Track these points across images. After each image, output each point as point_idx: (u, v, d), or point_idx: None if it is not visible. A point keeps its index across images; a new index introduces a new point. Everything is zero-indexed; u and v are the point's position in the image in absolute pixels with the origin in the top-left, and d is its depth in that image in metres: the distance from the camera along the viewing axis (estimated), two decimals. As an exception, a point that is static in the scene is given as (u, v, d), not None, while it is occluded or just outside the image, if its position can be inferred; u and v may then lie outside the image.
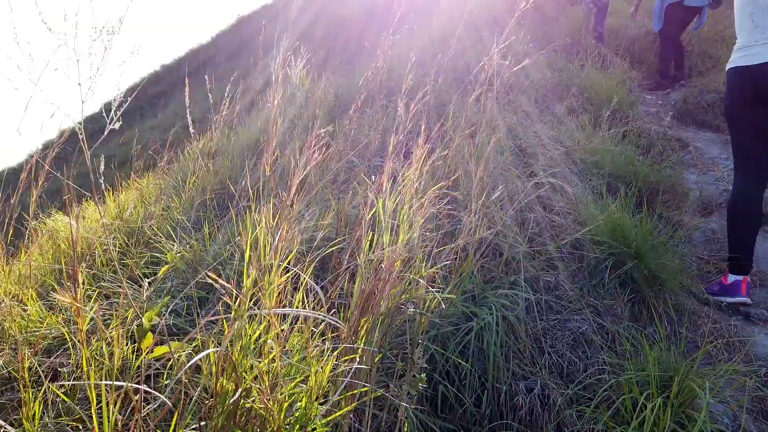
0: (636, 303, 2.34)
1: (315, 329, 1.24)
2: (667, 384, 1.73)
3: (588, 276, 2.35)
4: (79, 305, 1.06)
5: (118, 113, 1.14)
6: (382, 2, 9.03)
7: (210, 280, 1.05)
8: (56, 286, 2.27)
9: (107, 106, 1.34)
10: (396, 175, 1.86)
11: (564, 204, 2.72)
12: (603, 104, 3.94)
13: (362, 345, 1.18)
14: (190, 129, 2.67)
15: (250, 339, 0.98)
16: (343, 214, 2.27)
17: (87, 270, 2.36)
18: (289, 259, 1.12)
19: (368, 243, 1.39)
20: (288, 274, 1.09)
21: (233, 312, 0.93)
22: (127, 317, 1.78)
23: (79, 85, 1.14)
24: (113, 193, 3.28)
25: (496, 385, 1.77)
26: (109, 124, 1.13)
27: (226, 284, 0.90)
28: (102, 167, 1.24)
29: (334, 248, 1.87)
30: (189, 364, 0.79)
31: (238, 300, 0.93)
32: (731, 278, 2.52)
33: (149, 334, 1.30)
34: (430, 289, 1.47)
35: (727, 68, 2.66)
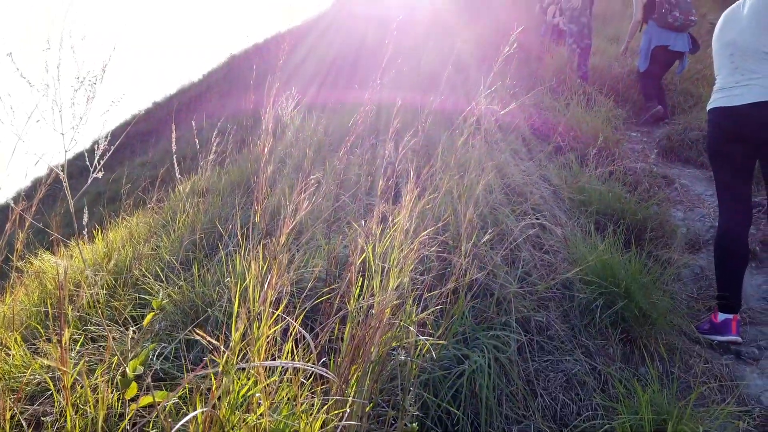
0: (628, 342, 2.34)
1: (305, 381, 1.22)
2: (661, 427, 1.71)
3: (579, 315, 2.35)
4: (63, 353, 1.03)
5: (102, 162, 1.14)
6: (372, 40, 9.23)
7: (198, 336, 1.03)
8: (41, 330, 2.23)
9: (90, 155, 1.34)
10: (386, 216, 1.87)
11: (554, 242, 2.74)
12: (589, 142, 4.00)
13: (352, 396, 1.16)
14: (176, 174, 2.67)
15: (237, 394, 0.96)
16: (333, 255, 2.26)
17: (73, 312, 2.32)
18: (279, 310, 1.11)
19: (358, 289, 1.38)
20: (277, 326, 1.08)
21: (220, 366, 0.92)
22: (113, 362, 1.74)
23: (62, 134, 1.15)
24: (102, 232, 3.25)
25: (489, 430, 1.74)
26: (93, 173, 1.12)
27: (213, 341, 0.89)
28: (86, 217, 1.23)
29: (324, 295, 1.86)
30: (175, 428, 0.77)
31: (225, 356, 0.92)
32: (721, 317, 2.52)
33: (133, 384, 1.28)
34: (421, 337, 1.45)
35: (708, 108, 2.72)
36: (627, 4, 6.50)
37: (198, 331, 1.00)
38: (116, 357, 1.71)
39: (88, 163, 1.22)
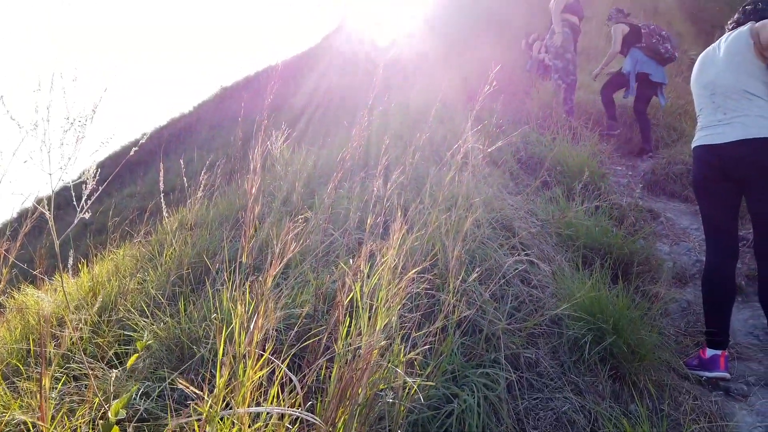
0: (617, 379, 2.33)
1: (290, 426, 1.20)
2: (652, 468, 1.69)
3: (568, 351, 2.34)
4: (43, 402, 1.01)
5: (89, 202, 1.14)
6: (361, 75, 9.38)
7: (182, 384, 1.02)
8: (22, 369, 2.18)
9: (77, 187, 1.34)
10: (374, 253, 1.87)
11: (542, 277, 2.75)
12: (575, 176, 4.06)
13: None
14: (163, 209, 2.67)
15: (221, 443, 0.94)
16: (321, 291, 2.25)
17: (56, 349, 2.28)
18: (266, 355, 1.10)
19: (345, 328, 1.37)
20: (263, 371, 1.07)
21: (204, 414, 0.90)
22: (95, 403, 1.70)
23: (50, 175, 1.15)
24: (88, 265, 3.21)
25: (479, 472, 1.71)
26: (80, 213, 1.12)
27: (196, 391, 0.87)
28: (71, 259, 1.22)
29: (312, 332, 1.84)
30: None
31: (208, 404, 0.90)
32: (709, 353, 2.53)
33: (115, 428, 1.25)
34: (408, 379, 1.44)
35: (693, 146, 2.78)
36: (609, 40, 6.75)
37: (180, 381, 0.98)
38: (98, 398, 1.68)
39: (75, 200, 1.22)
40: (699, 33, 12.74)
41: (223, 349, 1.03)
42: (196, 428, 0.97)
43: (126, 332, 2.36)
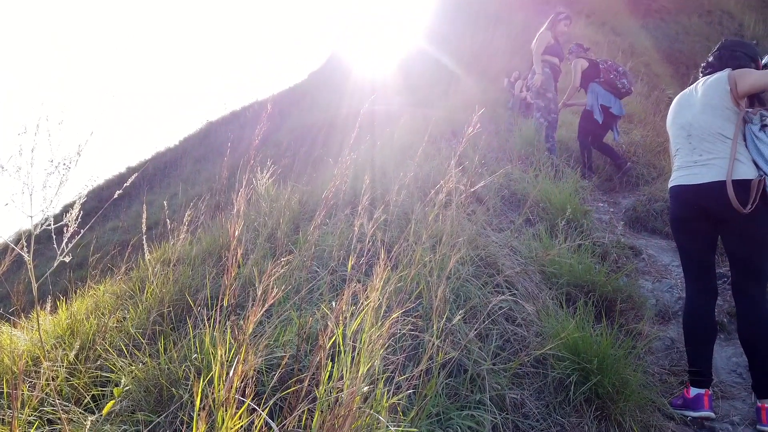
0: (603, 419, 2.31)
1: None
2: None
3: (553, 392, 2.33)
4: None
5: (69, 245, 1.12)
6: (346, 112, 9.49)
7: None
8: (-8, 412, 2.11)
9: (59, 218, 1.32)
10: (357, 294, 1.86)
11: (526, 315, 2.74)
12: (558, 213, 4.10)
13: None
14: (144, 246, 2.65)
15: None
16: (305, 331, 2.22)
17: (30, 390, 2.21)
18: (246, 404, 1.08)
19: (327, 373, 1.35)
20: (243, 421, 1.05)
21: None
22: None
23: (31, 217, 1.14)
24: (66, 301, 3.15)
25: None
26: (60, 256, 1.11)
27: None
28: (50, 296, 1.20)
29: (295, 373, 1.81)
30: None
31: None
32: (693, 392, 2.53)
33: (89, 479, 1.20)
34: (392, 427, 1.42)
35: (670, 185, 2.83)
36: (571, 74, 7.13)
37: None
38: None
39: (55, 243, 1.20)
40: (675, 73, 13.16)
41: (201, 398, 1.00)
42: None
43: (104, 373, 2.31)
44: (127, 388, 1.99)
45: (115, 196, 2.08)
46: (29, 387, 2.24)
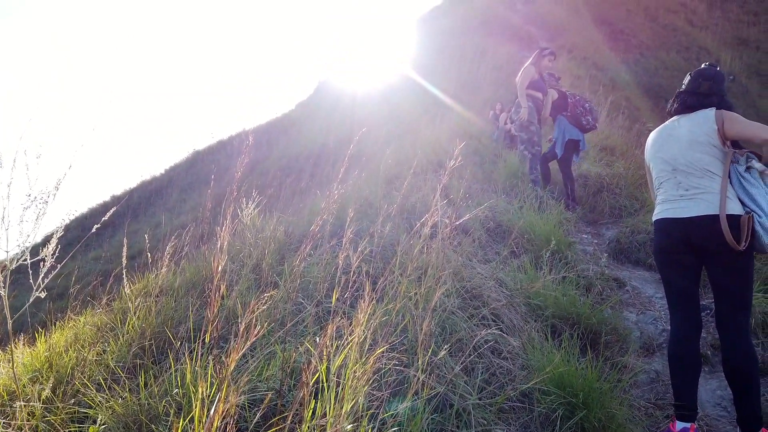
0: (589, 455, 2.29)
1: None
2: None
3: (540, 427, 2.30)
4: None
5: (46, 280, 1.11)
6: (333, 141, 9.56)
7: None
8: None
9: (36, 249, 1.30)
10: (342, 328, 1.85)
11: (512, 347, 2.74)
12: (542, 245, 4.13)
13: None
14: (125, 279, 2.62)
15: None
16: (288, 365, 2.19)
17: (5, 426, 2.15)
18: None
19: (310, 412, 1.33)
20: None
21: None
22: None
23: (7, 252, 1.12)
24: (45, 333, 3.08)
25: None
26: (35, 292, 1.09)
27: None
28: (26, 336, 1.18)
29: (278, 413, 1.78)
30: None
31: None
32: (679, 425, 2.52)
33: None
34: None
35: (655, 218, 2.86)
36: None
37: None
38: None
39: (32, 278, 1.18)
40: (654, 107, 13.51)
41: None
42: None
43: (82, 409, 2.25)
44: (104, 426, 1.94)
45: (93, 230, 2.06)
46: (4, 424, 2.17)
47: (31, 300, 1.14)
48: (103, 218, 1.82)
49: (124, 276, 2.56)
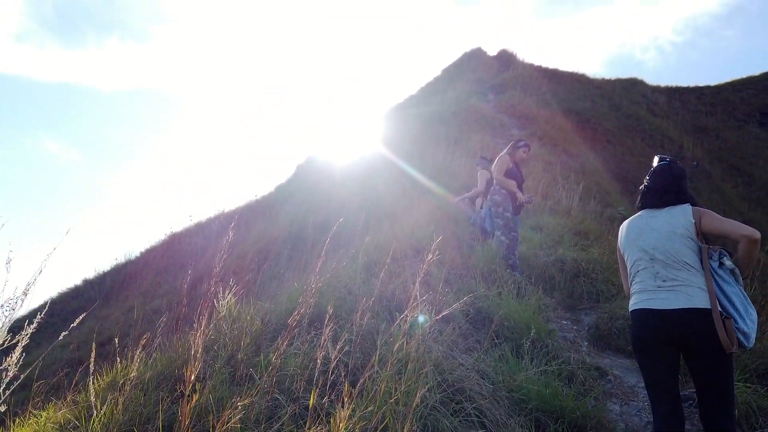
0: None
1: None
2: None
3: None
4: None
5: (9, 390, 1.07)
6: (312, 224, 9.62)
7: None
8: None
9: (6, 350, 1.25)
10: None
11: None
12: (523, 333, 4.11)
13: None
14: (90, 375, 2.53)
15: None
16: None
17: None
18: None
19: None
20: None
21: None
22: None
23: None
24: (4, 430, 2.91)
25: None
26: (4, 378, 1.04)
27: None
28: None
29: None
30: None
31: None
32: None
33: None
34: None
35: (632, 309, 2.87)
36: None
37: None
38: None
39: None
40: (624, 191, 14.00)
41: None
42: None
43: None
44: None
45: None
46: None
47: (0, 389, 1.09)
48: (72, 325, 1.78)
49: (91, 367, 2.46)
